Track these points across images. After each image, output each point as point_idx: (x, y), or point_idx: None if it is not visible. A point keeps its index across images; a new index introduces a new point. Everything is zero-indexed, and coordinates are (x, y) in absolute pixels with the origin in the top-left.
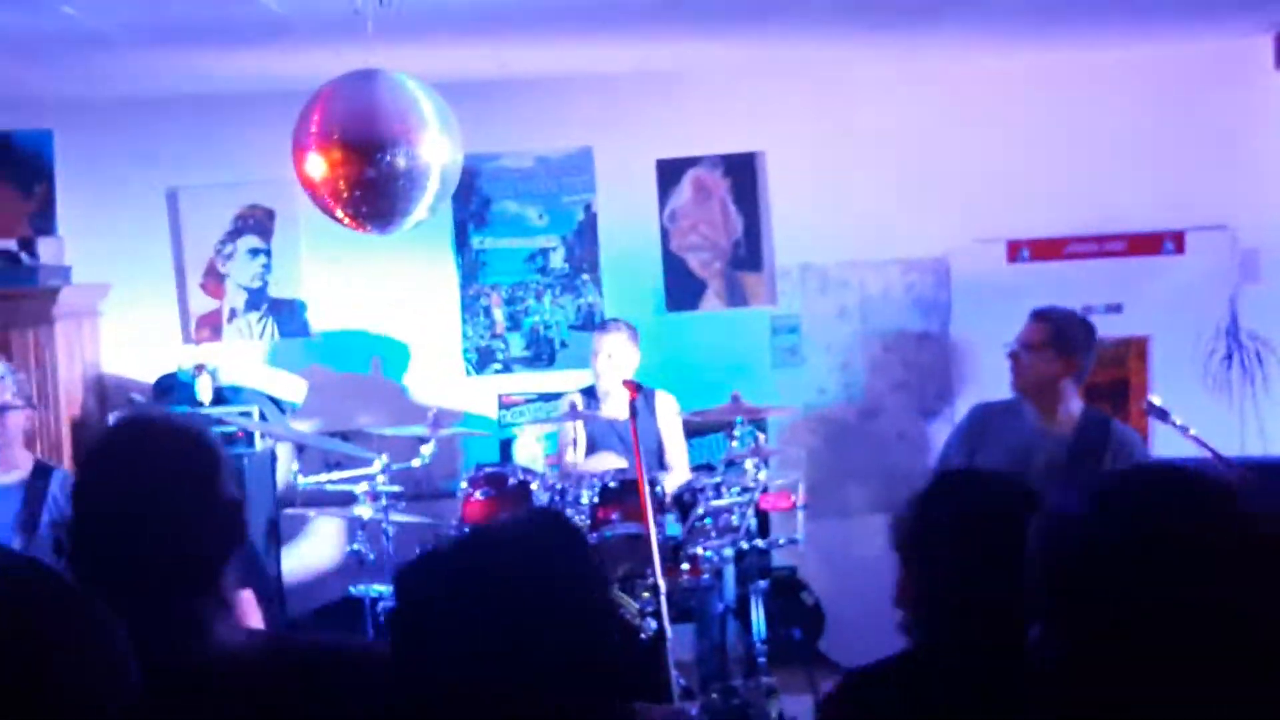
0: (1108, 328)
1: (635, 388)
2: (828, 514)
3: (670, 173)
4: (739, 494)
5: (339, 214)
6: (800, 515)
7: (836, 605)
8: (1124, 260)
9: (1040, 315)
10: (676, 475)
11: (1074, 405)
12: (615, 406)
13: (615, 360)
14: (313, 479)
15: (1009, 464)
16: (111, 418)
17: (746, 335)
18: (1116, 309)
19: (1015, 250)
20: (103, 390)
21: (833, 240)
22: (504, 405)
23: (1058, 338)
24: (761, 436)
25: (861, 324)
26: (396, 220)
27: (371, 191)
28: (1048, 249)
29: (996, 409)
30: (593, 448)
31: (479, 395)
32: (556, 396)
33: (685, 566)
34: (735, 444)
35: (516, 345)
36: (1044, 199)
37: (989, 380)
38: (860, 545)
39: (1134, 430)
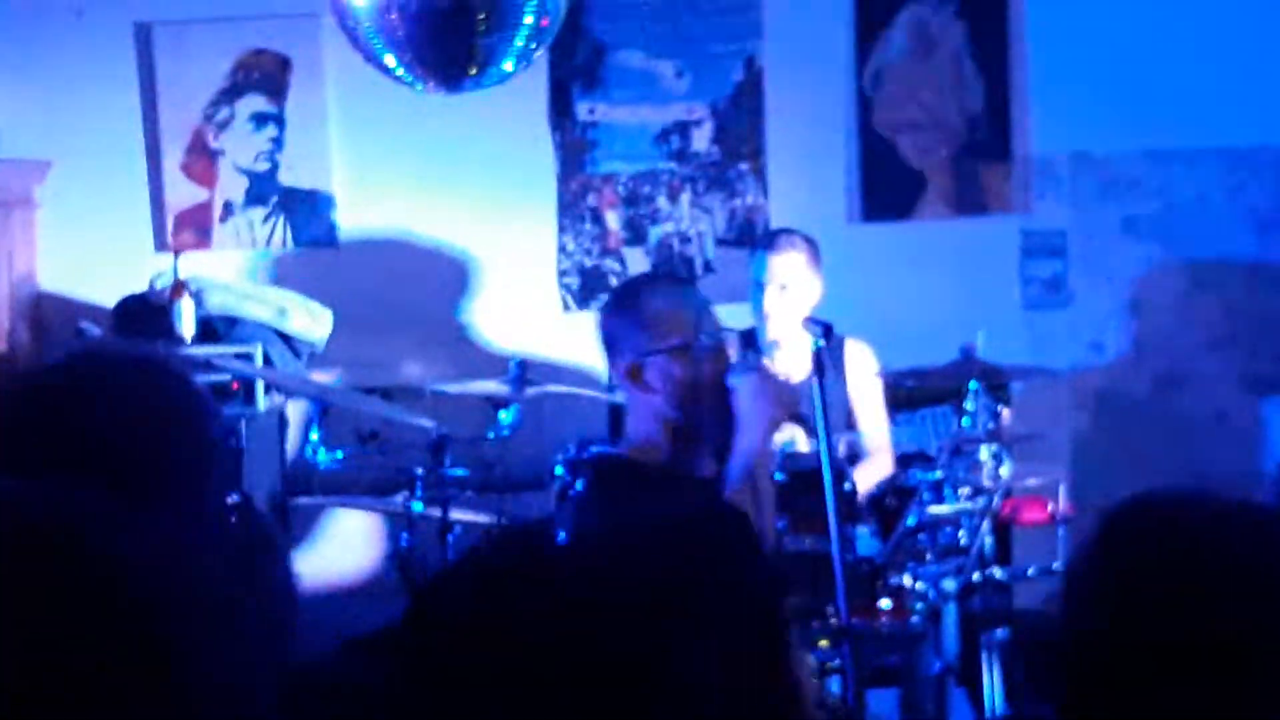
0: None
1: (824, 331)
2: None
3: (876, 10)
4: (969, 498)
5: (389, 61)
6: (1062, 534)
7: None
8: None
9: None
10: (875, 466)
11: None
12: (788, 360)
13: (791, 292)
14: (339, 455)
15: None
16: (51, 354)
17: (985, 258)
18: None
19: None
20: (39, 315)
21: (1122, 118)
22: None
23: None
24: (1005, 412)
25: (1163, 246)
26: (472, 73)
27: (439, 26)
28: None
29: None
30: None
31: (582, 340)
32: None
33: (886, 604)
34: (965, 422)
35: (638, 267)
36: None
37: None
38: None
39: None
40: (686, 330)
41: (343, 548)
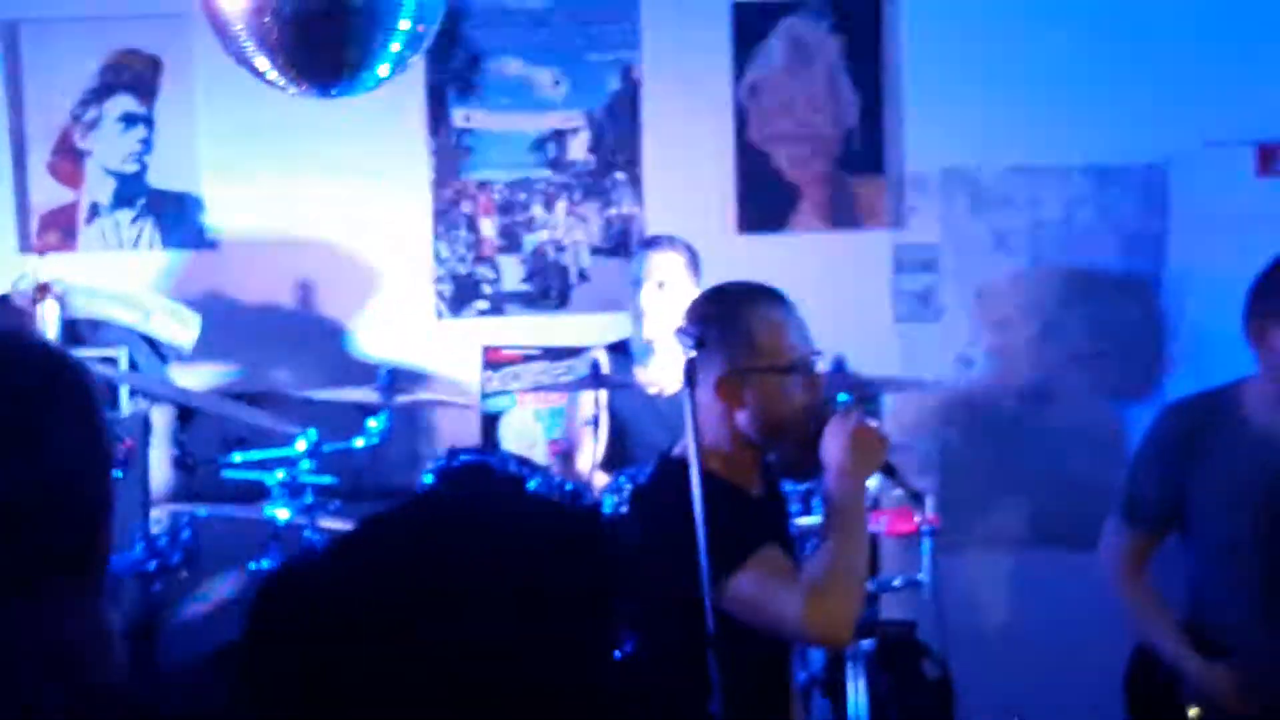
0: None
1: (696, 342)
2: (968, 544)
3: (753, 23)
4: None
5: (261, 65)
6: (927, 545)
7: (974, 681)
8: None
9: None
10: None
11: None
12: (660, 370)
13: (668, 292)
14: (205, 462)
15: (1236, 492)
16: None
17: (858, 272)
18: None
19: (1268, 158)
20: None
21: (993, 135)
22: (491, 363)
23: None
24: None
25: (1031, 261)
26: (346, 76)
27: (312, 30)
28: None
29: (1198, 411)
30: (621, 433)
31: (454, 347)
32: (572, 353)
33: None
34: None
35: (512, 275)
36: None
37: (1223, 349)
38: (1016, 593)
39: None
40: (792, 353)
41: (212, 556)
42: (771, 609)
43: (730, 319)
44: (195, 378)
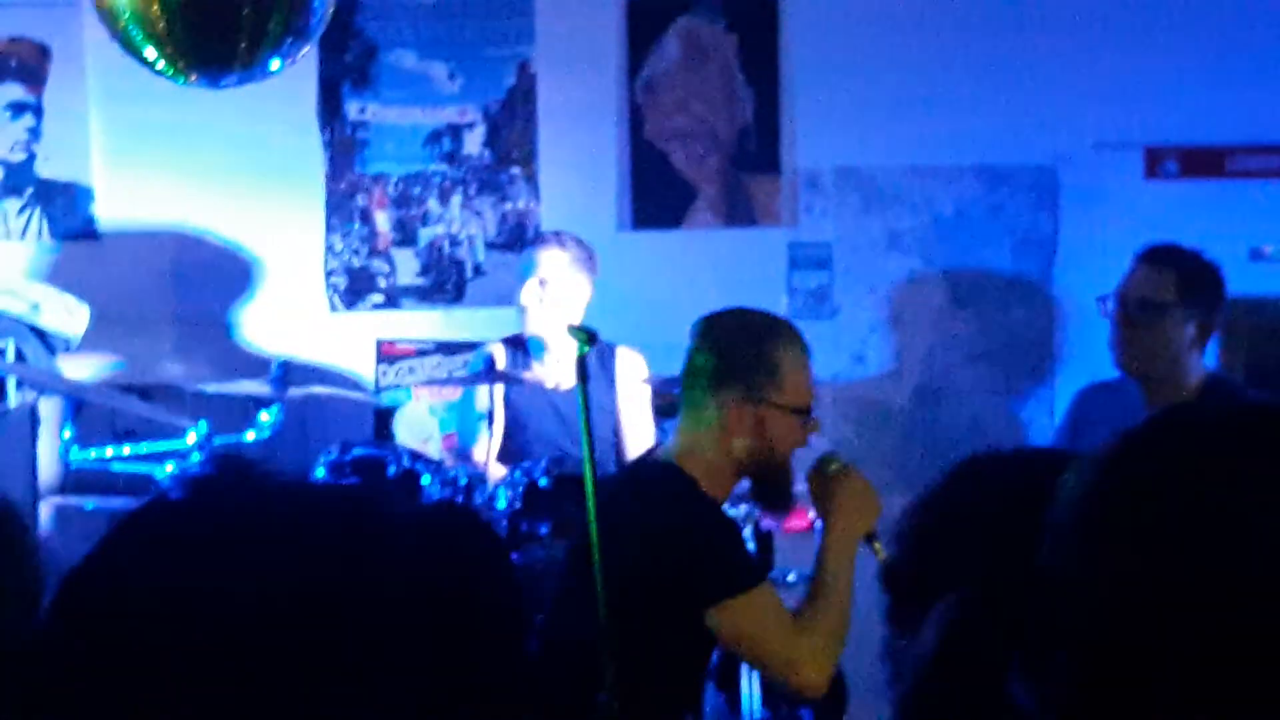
0: None
1: (589, 337)
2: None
3: (648, 21)
4: (732, 504)
5: (149, 54)
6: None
7: (866, 674)
8: None
9: (1157, 258)
10: None
11: (1195, 378)
12: (554, 366)
13: (555, 291)
14: (94, 454)
15: None
16: None
17: (752, 269)
18: None
19: (1156, 161)
20: None
21: (887, 134)
22: (385, 357)
23: (1187, 292)
24: None
25: (923, 260)
26: (236, 67)
27: (201, 20)
28: (1204, 161)
29: (1098, 391)
30: (517, 427)
31: (348, 340)
32: (466, 347)
33: None
34: None
35: (407, 268)
36: (1202, 89)
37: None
38: None
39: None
40: (808, 399)
41: None
42: (765, 648)
43: (763, 350)
44: (84, 370)
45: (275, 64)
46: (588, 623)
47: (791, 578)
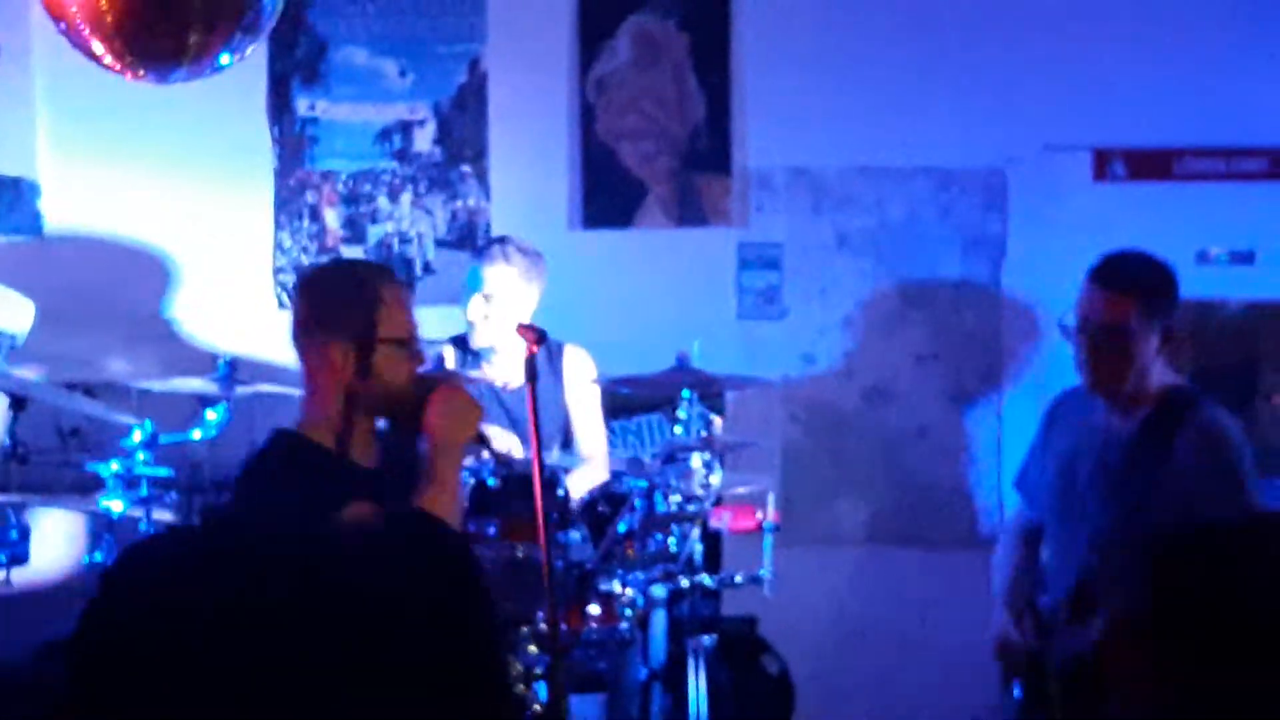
0: (1232, 285)
1: (537, 337)
2: (808, 541)
3: (600, 19)
4: (680, 505)
5: (97, 49)
6: (768, 541)
7: (813, 676)
8: (1265, 186)
9: (1116, 281)
10: (589, 472)
11: (1154, 382)
12: (503, 365)
13: (496, 302)
14: (36, 453)
15: (1056, 476)
16: None
17: (702, 269)
18: (1247, 259)
19: (1104, 163)
20: None
21: (837, 135)
22: None
23: (1149, 310)
24: (718, 420)
25: (874, 261)
26: (184, 62)
27: (149, 15)
28: (1152, 164)
29: (1069, 396)
30: None
31: None
32: None
33: (595, 609)
34: (679, 430)
35: None
36: (1150, 91)
37: (1060, 351)
38: (855, 590)
39: (1230, 421)
40: (409, 329)
41: (43, 549)
42: None
43: (353, 291)
44: (28, 367)
45: (225, 59)
46: None
47: (739, 579)
